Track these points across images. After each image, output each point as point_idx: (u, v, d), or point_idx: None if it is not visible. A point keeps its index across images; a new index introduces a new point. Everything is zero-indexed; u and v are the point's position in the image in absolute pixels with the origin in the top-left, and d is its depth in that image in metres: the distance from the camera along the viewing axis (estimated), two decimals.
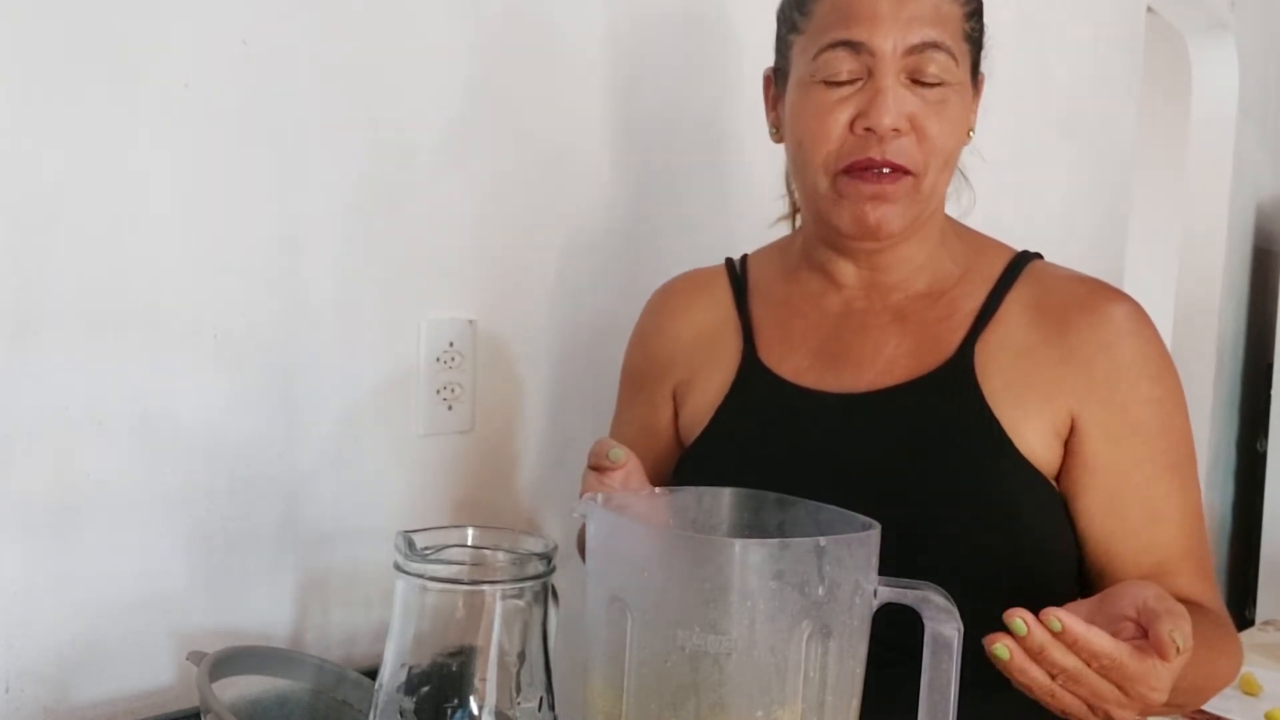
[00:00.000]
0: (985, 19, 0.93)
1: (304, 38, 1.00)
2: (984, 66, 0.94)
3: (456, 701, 0.73)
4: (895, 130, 0.84)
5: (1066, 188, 2.38)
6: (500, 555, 0.79)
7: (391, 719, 0.74)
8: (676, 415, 1.01)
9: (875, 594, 0.67)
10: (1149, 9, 2.72)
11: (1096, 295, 0.89)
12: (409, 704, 0.73)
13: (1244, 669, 1.52)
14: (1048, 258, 0.97)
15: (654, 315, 1.05)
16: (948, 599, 0.66)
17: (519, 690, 0.75)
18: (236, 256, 0.97)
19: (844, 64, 0.85)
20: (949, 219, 0.97)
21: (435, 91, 1.12)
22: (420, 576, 0.73)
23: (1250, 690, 1.49)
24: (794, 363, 0.94)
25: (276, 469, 1.01)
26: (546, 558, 0.76)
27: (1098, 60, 2.49)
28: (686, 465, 0.96)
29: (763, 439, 0.93)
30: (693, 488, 0.79)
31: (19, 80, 0.84)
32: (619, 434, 1.04)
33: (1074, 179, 2.41)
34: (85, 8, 0.86)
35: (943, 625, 0.66)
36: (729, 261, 1.05)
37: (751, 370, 0.95)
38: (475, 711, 0.73)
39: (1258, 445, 3.19)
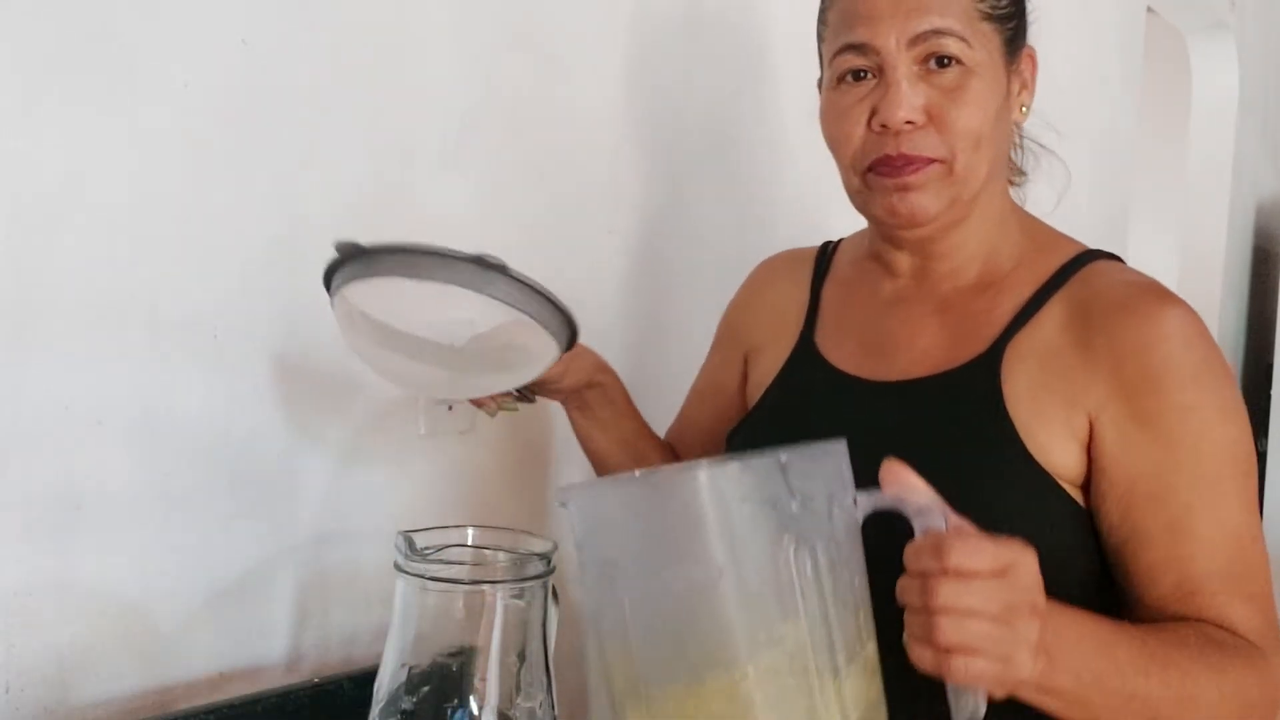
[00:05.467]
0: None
1: (304, 38, 1.00)
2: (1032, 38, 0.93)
3: (456, 701, 0.73)
4: (910, 123, 0.85)
5: (1066, 188, 2.37)
6: (500, 555, 0.79)
7: (391, 719, 0.74)
8: (745, 382, 1.06)
9: (856, 503, 0.66)
10: (1149, 9, 2.73)
11: (1144, 297, 0.85)
12: (409, 704, 0.73)
13: None
14: None
15: (745, 286, 1.12)
16: (930, 494, 0.65)
17: (519, 690, 0.75)
18: (236, 256, 0.97)
19: (856, 62, 0.87)
20: (1016, 208, 0.96)
21: (435, 91, 1.12)
22: (420, 576, 0.73)
23: None
24: (842, 348, 0.97)
25: (276, 469, 1.01)
26: (546, 558, 0.76)
27: (1098, 60, 2.49)
28: (734, 438, 1.01)
29: (801, 419, 0.95)
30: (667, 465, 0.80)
31: (19, 80, 0.84)
32: (698, 380, 1.14)
33: (1074, 179, 2.41)
34: (85, 8, 0.86)
35: (929, 519, 0.65)
36: (824, 244, 1.08)
37: (803, 351, 0.99)
38: (475, 711, 0.73)
39: (1258, 445, 3.19)
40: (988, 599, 0.62)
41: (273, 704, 0.92)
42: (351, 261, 0.80)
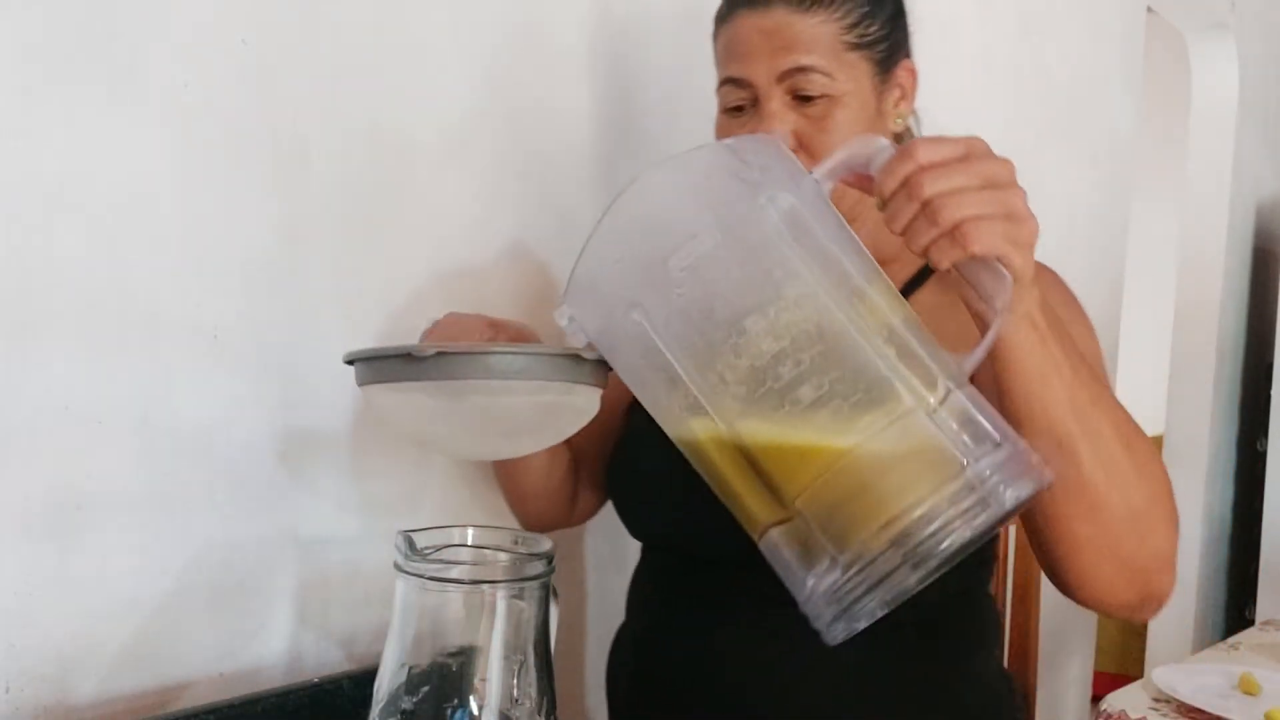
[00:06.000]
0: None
1: (304, 38, 1.00)
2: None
3: (456, 701, 0.73)
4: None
5: (1066, 188, 2.38)
6: (500, 555, 0.79)
7: (391, 719, 0.74)
8: None
9: (817, 180, 0.71)
10: (1149, 9, 2.73)
11: None
12: (409, 704, 0.73)
13: (1243, 669, 1.52)
14: (1048, 257, 0.98)
15: None
16: (871, 138, 0.71)
17: (519, 690, 0.75)
18: (236, 256, 0.97)
19: (734, 96, 0.96)
20: None
21: (435, 91, 1.12)
22: (420, 576, 0.73)
23: (1250, 690, 1.49)
24: None
25: (276, 469, 1.01)
26: (546, 557, 0.76)
27: (1098, 60, 2.49)
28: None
29: None
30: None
31: (19, 80, 0.84)
32: None
33: (1074, 179, 2.41)
34: (85, 7, 0.86)
35: (884, 154, 0.69)
36: None
37: None
38: (475, 711, 0.73)
39: (1258, 445, 3.19)
40: (969, 176, 0.67)
41: (273, 704, 0.92)
42: (418, 362, 0.74)
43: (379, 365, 0.77)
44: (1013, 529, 1.81)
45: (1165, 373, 3.18)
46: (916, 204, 0.67)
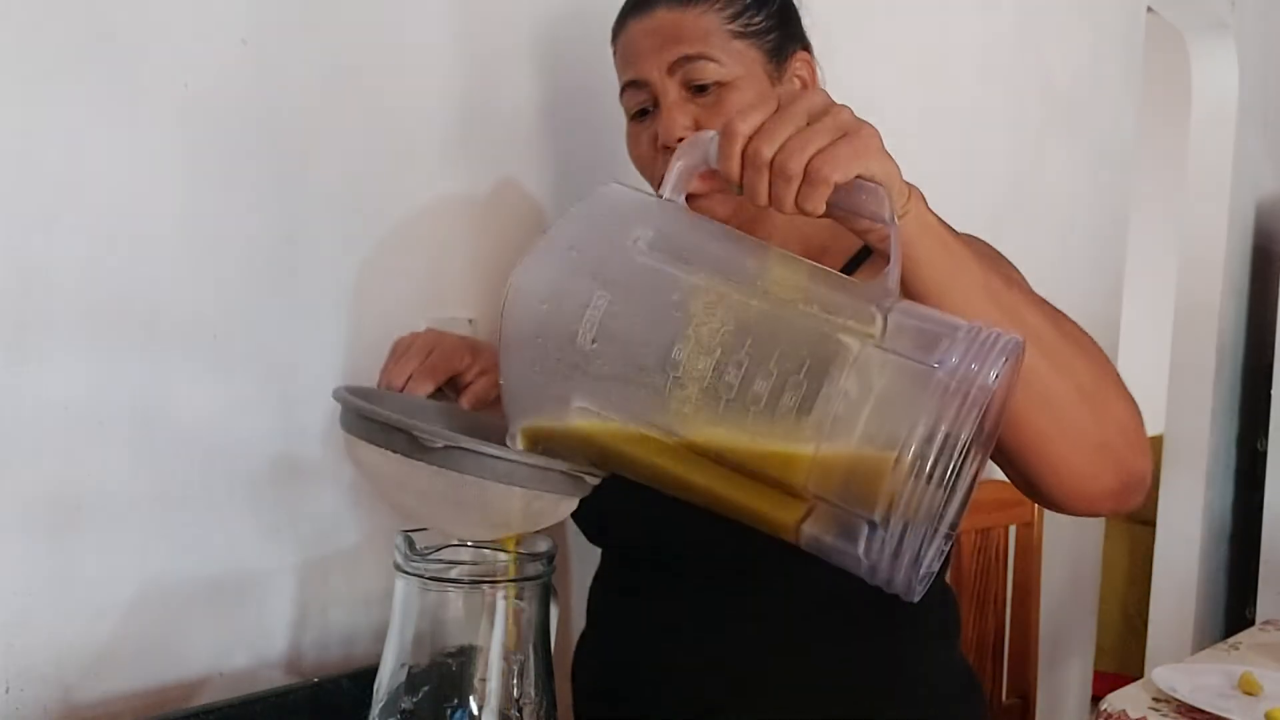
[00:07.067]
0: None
1: (304, 38, 1.00)
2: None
3: (456, 701, 0.73)
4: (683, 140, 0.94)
5: (1067, 188, 2.37)
6: (500, 555, 0.79)
7: (391, 719, 0.74)
8: None
9: (669, 199, 0.72)
10: (1149, 9, 2.73)
11: None
12: (409, 704, 0.73)
13: (1244, 669, 1.52)
14: (1048, 257, 0.98)
15: None
16: (691, 139, 0.72)
17: (519, 690, 0.75)
18: (236, 256, 0.97)
19: (636, 100, 0.98)
20: None
21: (435, 91, 1.12)
22: (420, 576, 0.73)
23: (1250, 690, 1.49)
24: None
25: (276, 469, 1.01)
26: (546, 557, 0.76)
27: (1098, 60, 2.49)
28: None
29: None
30: None
31: (19, 80, 0.84)
32: None
33: (1074, 179, 2.41)
34: (86, 8, 0.86)
35: (710, 145, 0.70)
36: None
37: None
38: (475, 711, 0.73)
39: (1258, 445, 3.19)
40: (792, 120, 0.67)
41: (273, 704, 0.93)
42: (420, 446, 0.70)
43: (374, 428, 0.73)
44: (1012, 531, 1.82)
45: (1165, 373, 3.18)
46: (764, 171, 0.67)
